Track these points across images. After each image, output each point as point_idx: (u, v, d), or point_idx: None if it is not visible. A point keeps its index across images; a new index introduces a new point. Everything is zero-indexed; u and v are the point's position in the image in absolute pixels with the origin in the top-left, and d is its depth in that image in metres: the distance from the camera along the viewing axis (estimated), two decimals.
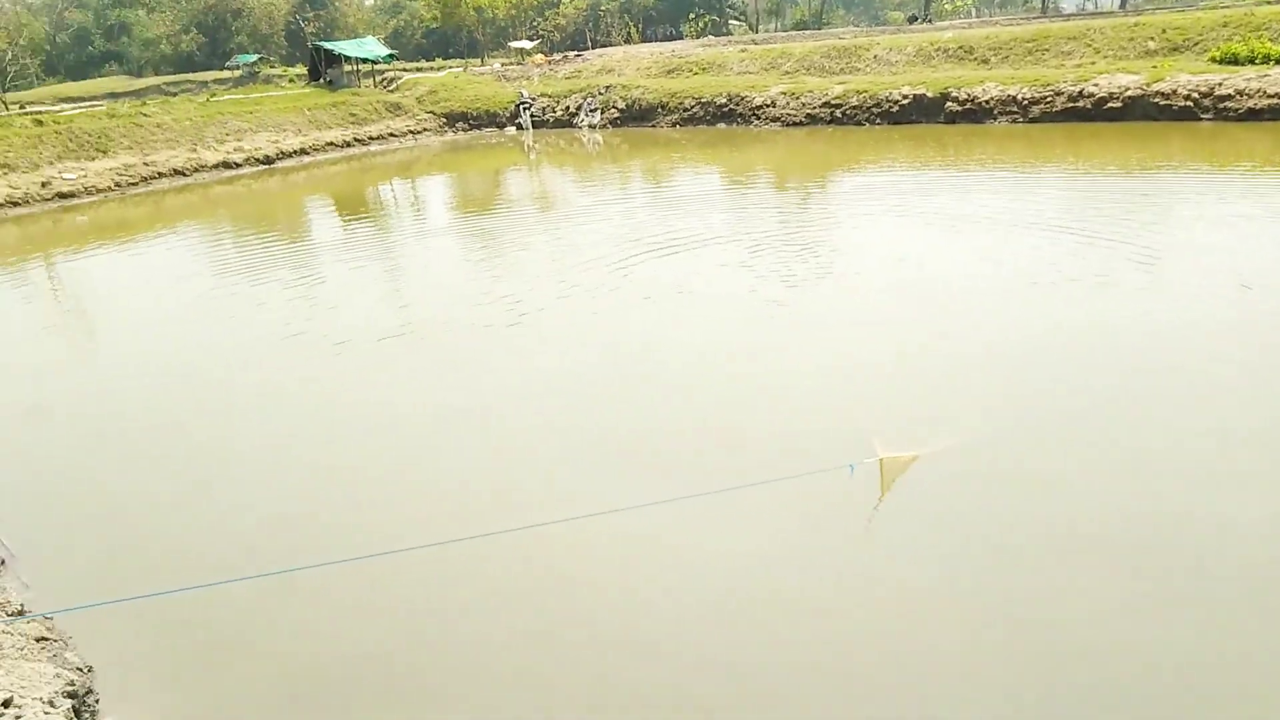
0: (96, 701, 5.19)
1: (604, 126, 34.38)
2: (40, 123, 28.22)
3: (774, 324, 10.84)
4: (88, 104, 40.13)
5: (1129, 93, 25.01)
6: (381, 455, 8.11)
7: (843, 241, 14.79)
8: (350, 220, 21.83)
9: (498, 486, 7.41)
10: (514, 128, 36.19)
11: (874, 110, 28.92)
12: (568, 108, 35.87)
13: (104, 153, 27.61)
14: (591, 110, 34.99)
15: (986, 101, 27.23)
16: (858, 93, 29.44)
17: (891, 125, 28.21)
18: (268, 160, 30.69)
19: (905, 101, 28.42)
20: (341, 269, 16.02)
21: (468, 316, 12.04)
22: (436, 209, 22.89)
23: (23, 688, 4.52)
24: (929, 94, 28.11)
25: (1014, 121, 26.46)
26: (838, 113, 29.53)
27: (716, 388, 9.04)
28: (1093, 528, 6.11)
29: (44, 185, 25.30)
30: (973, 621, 5.33)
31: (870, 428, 6.76)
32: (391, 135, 35.20)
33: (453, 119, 37.19)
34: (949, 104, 27.71)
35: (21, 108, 36.48)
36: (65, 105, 40.44)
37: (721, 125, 31.66)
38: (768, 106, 31.01)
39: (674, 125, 32.73)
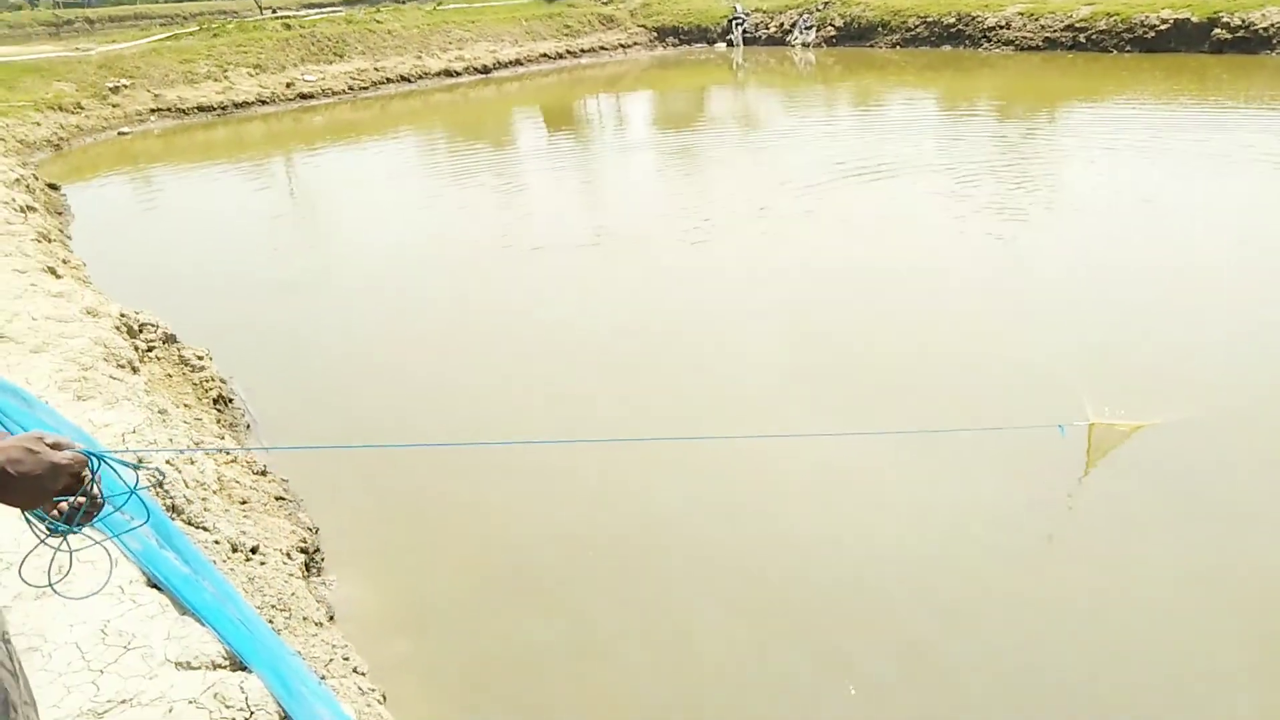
0: (322, 559, 5.79)
1: (818, 45, 32.95)
2: (288, 26, 30.47)
3: (983, 258, 10.20)
4: (328, 9, 42.82)
5: None
6: (574, 357, 8.39)
7: (1075, 177, 13.58)
8: (556, 131, 22.31)
9: (684, 396, 7.50)
10: (724, 44, 35.38)
11: (1124, 35, 25.98)
12: (781, 24, 34.58)
13: (340, 57, 29.49)
14: (807, 28, 33.56)
15: (1265, 29, 23.75)
16: (1108, 14, 26.50)
17: (1144, 53, 25.27)
18: (485, 70, 31.73)
19: (1164, 26, 25.29)
20: (544, 178, 16.48)
21: (661, 232, 12.12)
22: (639, 124, 22.95)
23: (266, 539, 5.09)
24: (1194, 18, 24.87)
25: None
26: (1081, 37, 26.77)
27: (911, 320, 8.64)
28: None
29: (288, 86, 27.42)
30: (1172, 612, 4.90)
31: (1085, 387, 6.24)
32: (602, 48, 35.38)
33: (663, 33, 36.82)
34: (1217, 30, 24.40)
35: (274, 12, 39.53)
36: (308, 10, 43.40)
37: (947, 47, 29.53)
38: (1001, 28, 28.56)
39: (894, 46, 30.87)
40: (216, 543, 4.60)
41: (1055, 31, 27.35)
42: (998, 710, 4.36)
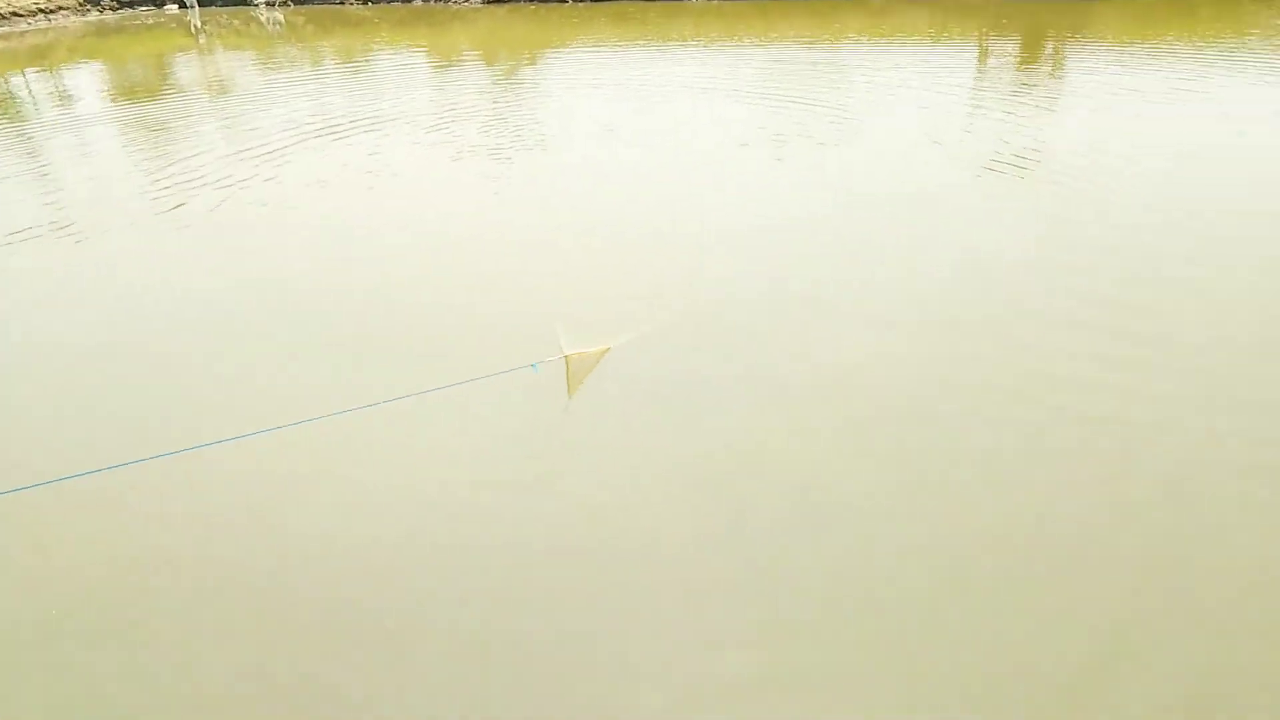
0: None
1: (284, 4, 30.80)
2: None
3: (468, 206, 10.32)
4: None
5: None
6: (35, 371, 6.79)
7: (549, 116, 14.37)
8: None
9: (170, 399, 6.46)
10: (176, 6, 31.49)
11: None
12: None
13: None
14: None
15: None
16: None
17: (595, 2, 27.70)
18: None
19: None
20: None
21: (129, 210, 10.39)
22: (89, 99, 19.47)
23: None
24: None
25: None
26: None
27: (401, 275, 8.43)
28: (786, 410, 6.36)
29: None
30: (663, 517, 5.39)
31: (561, 321, 6.54)
32: (16, 15, 29.32)
33: None
34: None
35: None
36: None
37: (418, 2, 29.50)
38: None
39: (365, 2, 30.01)
40: None
41: None
42: (528, 620, 4.39)
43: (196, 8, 31.24)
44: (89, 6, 31.36)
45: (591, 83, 16.57)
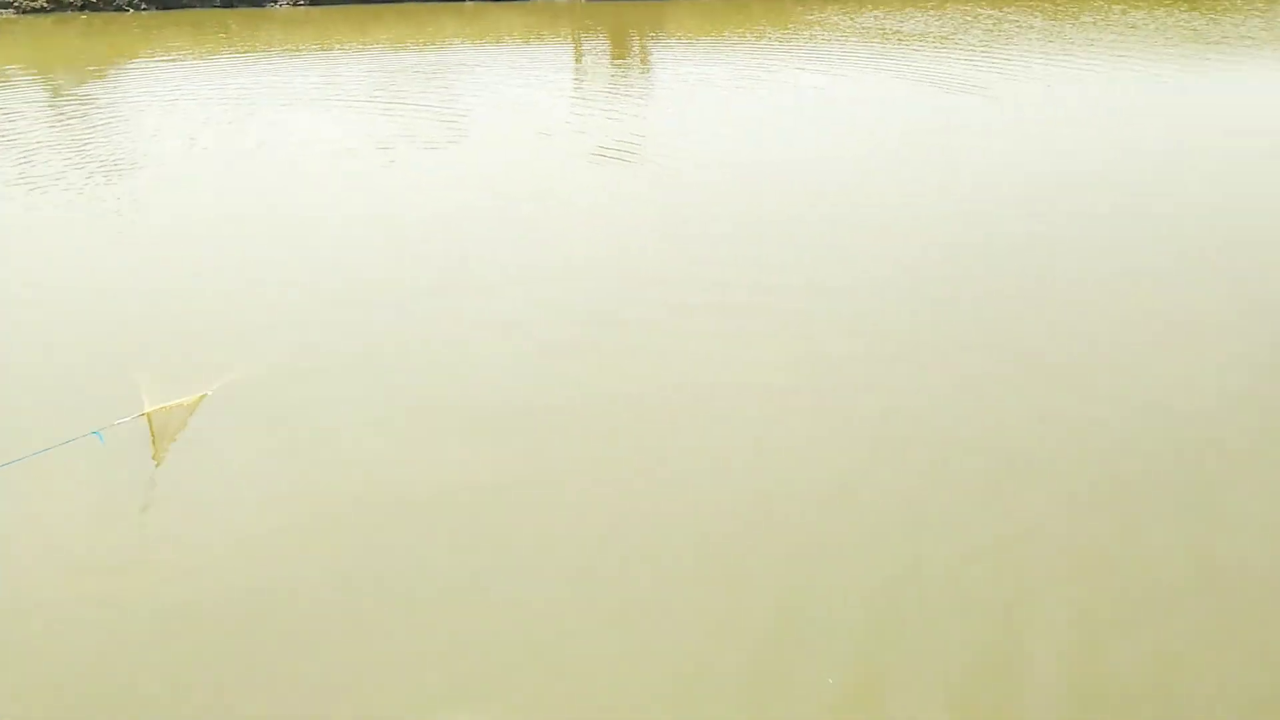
0: None
1: None
2: None
3: (16, 247, 8.75)
4: None
5: None
6: None
7: (126, 138, 12.75)
8: None
9: None
10: None
11: None
12: None
13: None
14: None
15: None
16: None
17: (161, 10, 24.83)
18: None
19: None
20: None
21: None
22: None
23: None
24: None
25: (295, 4, 25.37)
26: None
27: None
28: (405, 426, 6.05)
29: None
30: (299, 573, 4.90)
31: (143, 374, 5.65)
32: None
33: None
34: None
35: None
36: None
37: None
38: None
39: None
40: None
41: None
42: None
43: None
44: None
45: (170, 98, 14.81)
